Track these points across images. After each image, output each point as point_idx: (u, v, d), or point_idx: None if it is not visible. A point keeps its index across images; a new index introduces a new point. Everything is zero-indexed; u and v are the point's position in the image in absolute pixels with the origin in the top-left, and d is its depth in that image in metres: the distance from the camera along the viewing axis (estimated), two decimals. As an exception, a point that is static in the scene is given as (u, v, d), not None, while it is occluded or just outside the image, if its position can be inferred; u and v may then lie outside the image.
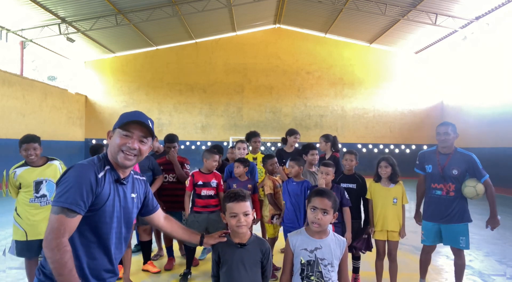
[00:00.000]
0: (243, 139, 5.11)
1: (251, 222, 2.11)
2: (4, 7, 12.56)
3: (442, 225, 3.70)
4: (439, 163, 3.70)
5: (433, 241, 3.80)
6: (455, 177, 3.63)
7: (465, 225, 3.65)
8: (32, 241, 3.43)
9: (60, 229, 1.56)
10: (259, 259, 2.11)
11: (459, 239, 3.61)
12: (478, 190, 3.52)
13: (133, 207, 1.89)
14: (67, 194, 1.58)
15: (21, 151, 3.55)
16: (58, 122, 17.49)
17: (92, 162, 1.74)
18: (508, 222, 7.96)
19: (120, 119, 1.83)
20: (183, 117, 20.08)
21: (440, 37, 16.98)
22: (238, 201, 2.05)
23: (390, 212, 3.74)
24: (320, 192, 2.23)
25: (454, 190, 3.64)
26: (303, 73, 20.04)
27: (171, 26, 17.32)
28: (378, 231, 3.81)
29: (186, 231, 2.19)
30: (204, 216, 4.16)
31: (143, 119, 1.79)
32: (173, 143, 4.77)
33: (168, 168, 4.74)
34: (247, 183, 4.33)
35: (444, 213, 3.67)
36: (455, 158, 3.67)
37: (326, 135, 5.26)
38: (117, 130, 1.79)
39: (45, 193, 3.57)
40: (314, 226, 2.15)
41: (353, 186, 4.03)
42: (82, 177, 1.63)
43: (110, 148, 1.79)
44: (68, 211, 1.57)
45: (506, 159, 13.63)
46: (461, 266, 3.71)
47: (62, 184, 1.63)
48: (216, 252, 2.13)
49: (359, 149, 19.29)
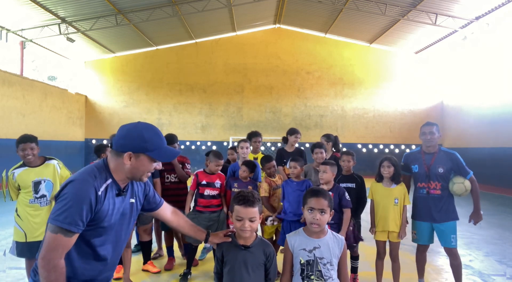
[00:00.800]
0: (245, 139, 5.10)
1: (256, 226, 2.08)
2: (4, 7, 12.57)
3: (434, 225, 3.76)
4: (425, 162, 3.78)
5: (427, 240, 3.85)
6: (441, 175, 3.71)
7: (454, 223, 3.73)
8: (31, 242, 3.43)
9: (58, 250, 1.56)
10: (263, 262, 2.09)
11: (450, 238, 3.68)
12: (466, 186, 3.63)
13: (132, 212, 1.87)
14: (66, 213, 1.55)
15: (18, 151, 3.53)
16: (58, 122, 17.49)
17: (93, 175, 1.67)
18: (508, 222, 7.96)
19: (150, 144, 1.72)
20: (183, 117, 20.08)
21: (440, 37, 16.97)
22: (246, 205, 2.01)
23: (391, 213, 3.74)
24: (315, 192, 2.23)
25: (440, 188, 3.72)
26: (303, 73, 20.04)
27: (171, 26, 17.32)
28: (379, 232, 3.82)
29: (193, 227, 2.18)
30: (205, 215, 4.17)
31: (175, 157, 1.86)
32: (173, 144, 4.74)
33: (169, 168, 4.73)
34: (248, 183, 4.33)
35: (433, 211, 3.74)
36: (440, 156, 3.75)
37: (327, 135, 5.26)
38: (148, 157, 1.74)
39: (44, 193, 3.56)
40: (313, 226, 2.15)
41: (352, 185, 4.06)
42: (82, 195, 1.59)
43: (134, 169, 1.73)
44: (66, 231, 1.55)
45: (506, 159, 13.63)
46: (457, 266, 3.74)
47: (62, 201, 1.59)
48: (220, 250, 2.12)
49: (359, 149, 19.30)
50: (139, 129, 1.73)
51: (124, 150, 1.71)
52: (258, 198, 2.08)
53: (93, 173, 1.69)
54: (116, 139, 1.75)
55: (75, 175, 1.70)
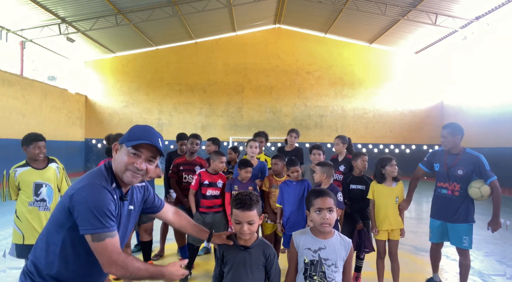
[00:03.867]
0: (254, 139, 5.08)
1: (255, 229, 2.07)
2: (4, 7, 12.56)
3: (448, 224, 3.78)
4: (446, 163, 3.82)
5: (439, 238, 3.89)
6: (460, 177, 3.71)
7: (469, 225, 3.72)
8: (30, 245, 3.41)
9: (114, 250, 1.58)
10: (262, 263, 2.08)
11: (463, 239, 3.68)
12: (483, 191, 3.58)
13: (129, 219, 1.86)
14: (97, 218, 1.56)
15: (30, 149, 3.53)
16: (58, 122, 17.48)
17: (103, 179, 1.68)
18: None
19: (129, 134, 1.74)
20: (183, 117, 20.07)
21: (440, 37, 16.97)
22: (243, 209, 2.00)
23: (392, 211, 3.80)
24: (320, 192, 2.22)
25: (459, 190, 3.72)
26: (303, 73, 20.04)
27: (171, 26, 17.32)
28: (381, 231, 3.85)
29: (196, 227, 2.19)
30: (209, 217, 4.18)
31: (154, 142, 1.71)
32: (183, 140, 5.08)
33: (188, 168, 4.75)
34: (248, 184, 4.31)
35: (450, 212, 3.75)
36: (463, 158, 3.75)
37: (342, 136, 5.02)
38: (125, 147, 1.71)
39: (44, 197, 3.56)
40: (324, 226, 2.12)
41: (362, 187, 4.07)
42: (101, 197, 1.61)
43: (116, 163, 1.73)
44: (109, 233, 1.58)
45: (506, 159, 13.64)
46: (466, 266, 3.75)
47: (85, 209, 1.56)
48: (221, 251, 2.13)
49: (359, 149, 19.29)
50: (134, 126, 1.80)
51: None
52: (256, 199, 2.05)
53: (103, 176, 1.70)
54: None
55: (86, 179, 1.68)
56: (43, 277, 1.65)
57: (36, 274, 1.66)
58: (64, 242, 1.64)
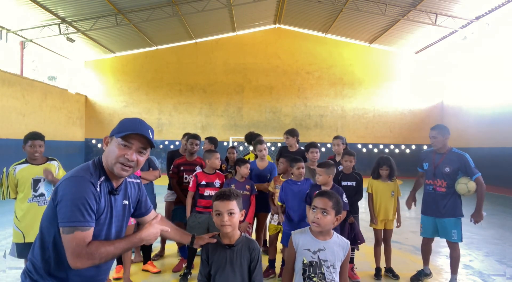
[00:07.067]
0: (262, 140, 5.08)
1: (236, 222, 2.07)
2: (4, 7, 12.56)
3: (436, 219, 4.05)
4: (434, 161, 4.11)
5: (430, 233, 4.15)
6: (447, 174, 3.98)
7: (457, 219, 3.98)
8: (31, 243, 3.42)
9: (80, 244, 1.51)
10: (247, 260, 2.08)
11: (451, 232, 3.94)
12: (469, 187, 3.84)
13: (124, 214, 1.83)
14: (72, 211, 1.52)
15: (26, 147, 3.57)
16: (58, 122, 17.48)
17: (88, 172, 1.65)
18: (508, 222, 7.96)
19: (119, 127, 1.73)
20: (183, 117, 20.07)
21: (440, 37, 16.97)
22: (223, 199, 2.03)
23: (389, 203, 4.28)
24: (322, 192, 2.25)
25: (445, 186, 3.99)
26: (303, 73, 20.04)
27: (171, 26, 17.32)
28: (379, 221, 4.29)
29: (177, 232, 2.14)
30: (205, 217, 4.15)
31: (144, 132, 1.70)
32: (196, 140, 4.95)
33: (189, 168, 4.75)
34: (245, 183, 4.31)
35: (437, 207, 4.03)
36: (449, 157, 4.03)
37: (342, 137, 5.13)
38: (115, 139, 1.69)
39: (43, 192, 3.58)
40: (313, 225, 2.16)
41: (352, 183, 4.38)
42: (82, 190, 1.57)
43: (107, 156, 1.71)
44: (81, 227, 1.53)
45: (506, 159, 13.63)
46: (456, 258, 4.00)
47: (64, 201, 1.54)
48: (205, 252, 2.11)
49: (359, 149, 19.29)
50: (124, 119, 1.79)
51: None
52: (236, 193, 2.09)
53: (88, 170, 1.67)
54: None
55: (70, 172, 1.67)
56: (41, 275, 1.64)
57: (35, 272, 1.65)
58: (55, 237, 1.60)
